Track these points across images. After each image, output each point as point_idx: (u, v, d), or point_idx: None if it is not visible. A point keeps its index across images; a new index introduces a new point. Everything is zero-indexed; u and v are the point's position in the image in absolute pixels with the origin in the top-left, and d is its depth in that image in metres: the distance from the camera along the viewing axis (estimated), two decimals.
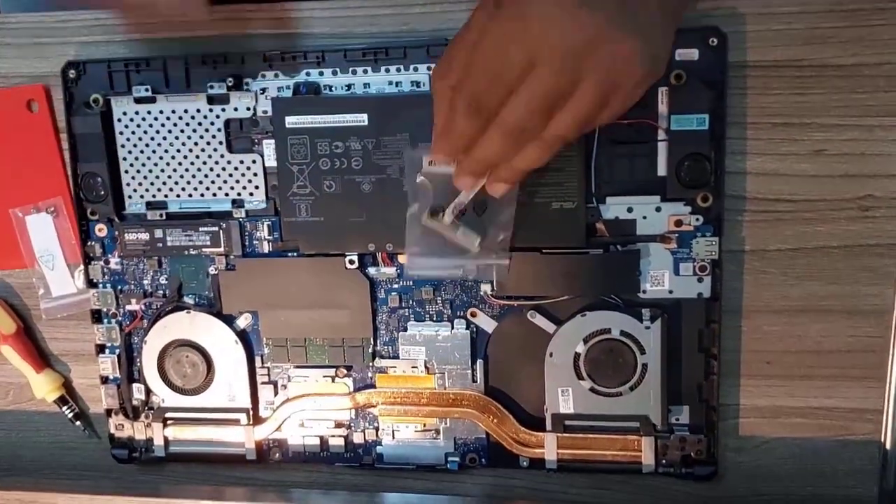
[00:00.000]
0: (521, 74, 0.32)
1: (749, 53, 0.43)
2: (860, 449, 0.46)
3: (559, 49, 0.31)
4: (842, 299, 0.45)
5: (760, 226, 0.45)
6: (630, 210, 0.44)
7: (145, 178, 0.48)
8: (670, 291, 0.45)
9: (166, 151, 0.48)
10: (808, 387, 0.46)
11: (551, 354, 0.46)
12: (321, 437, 0.50)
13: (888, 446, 0.46)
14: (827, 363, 0.46)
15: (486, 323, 0.47)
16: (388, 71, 0.45)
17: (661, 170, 0.44)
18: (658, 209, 0.44)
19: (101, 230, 0.50)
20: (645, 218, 0.44)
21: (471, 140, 0.35)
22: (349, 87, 0.46)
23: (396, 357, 0.48)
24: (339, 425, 0.50)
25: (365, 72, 0.45)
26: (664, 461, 0.47)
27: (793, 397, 0.46)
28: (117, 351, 0.51)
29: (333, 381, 0.49)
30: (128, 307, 0.50)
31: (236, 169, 0.47)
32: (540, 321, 0.46)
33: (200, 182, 0.48)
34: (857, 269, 0.45)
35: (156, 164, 0.48)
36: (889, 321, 0.45)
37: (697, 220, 0.44)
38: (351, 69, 0.45)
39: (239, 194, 0.48)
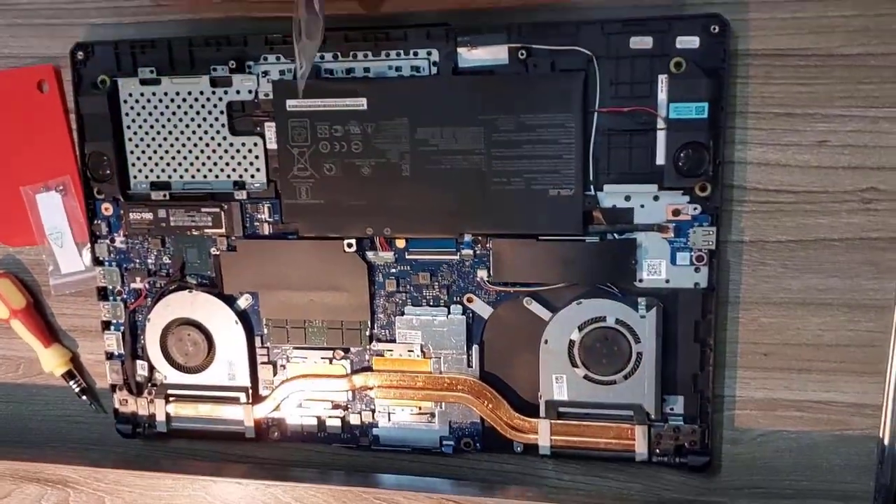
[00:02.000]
0: None
1: (752, 42, 0.42)
2: (858, 444, 0.46)
3: None
4: (842, 293, 0.44)
5: (761, 216, 0.44)
6: (627, 198, 0.44)
7: (150, 158, 0.49)
8: (667, 281, 0.45)
9: (170, 133, 0.48)
10: (806, 380, 0.46)
11: (546, 341, 0.47)
12: (319, 418, 0.51)
13: (886, 441, 0.45)
14: (826, 357, 0.45)
15: (483, 309, 0.47)
16: (388, 55, 0.45)
17: (660, 158, 0.43)
18: (656, 198, 0.44)
19: (107, 209, 0.51)
20: (642, 206, 0.44)
21: None
22: (349, 71, 0.46)
23: (393, 341, 0.49)
24: (336, 406, 0.51)
25: (365, 56, 0.45)
26: (658, 450, 0.47)
27: (790, 390, 0.46)
28: (122, 328, 0.52)
29: (331, 362, 0.50)
30: (132, 285, 0.51)
31: (238, 151, 0.48)
32: (535, 308, 0.47)
33: (203, 163, 0.48)
34: (859, 262, 0.44)
35: (160, 145, 0.49)
36: (889, 316, 0.44)
37: (695, 209, 0.44)
38: (351, 53, 0.46)
39: (241, 176, 0.48)
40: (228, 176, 0.48)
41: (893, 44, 0.41)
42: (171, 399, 0.52)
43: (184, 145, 0.48)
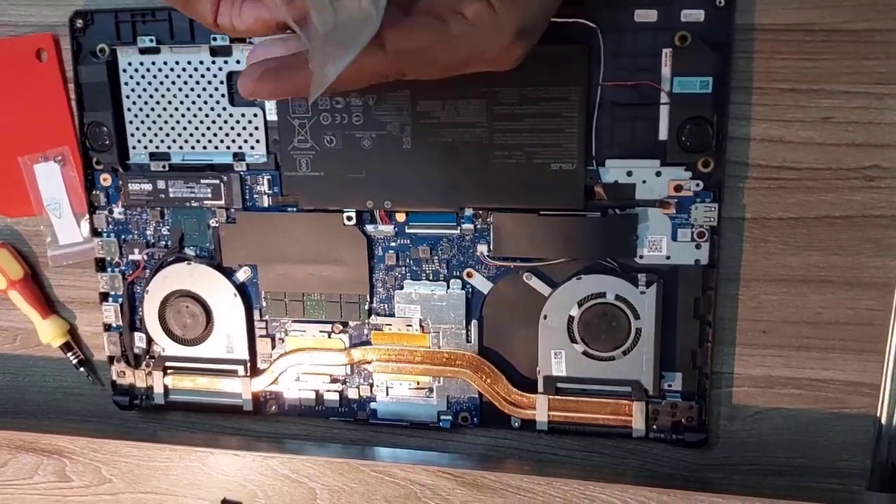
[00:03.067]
0: None
1: (757, 16, 0.42)
2: (855, 422, 0.46)
3: None
4: (843, 270, 0.44)
5: (762, 193, 0.44)
6: (629, 174, 0.44)
7: (149, 129, 0.49)
8: (667, 257, 0.45)
9: (170, 103, 0.48)
10: (805, 358, 0.46)
11: (545, 317, 0.46)
12: (317, 392, 0.51)
13: (884, 420, 0.45)
14: (825, 335, 0.45)
15: (482, 283, 0.47)
16: None
17: (663, 133, 0.43)
18: (658, 173, 0.44)
19: (105, 180, 0.50)
20: (644, 182, 0.44)
21: None
22: None
23: (392, 315, 0.49)
24: (334, 380, 0.51)
25: None
26: (655, 427, 0.47)
27: (789, 367, 0.46)
28: (120, 299, 0.52)
29: (330, 336, 0.50)
30: (131, 257, 0.51)
31: (238, 122, 0.48)
32: (535, 283, 0.46)
33: (203, 134, 0.48)
34: (860, 240, 0.44)
35: (159, 116, 0.48)
36: (890, 295, 0.44)
37: (698, 185, 0.43)
38: None
39: (240, 147, 0.48)
40: (228, 147, 0.48)
41: None
42: (168, 371, 0.52)
43: (183, 115, 0.48)
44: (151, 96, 0.48)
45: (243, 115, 0.47)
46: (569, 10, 0.42)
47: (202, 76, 0.47)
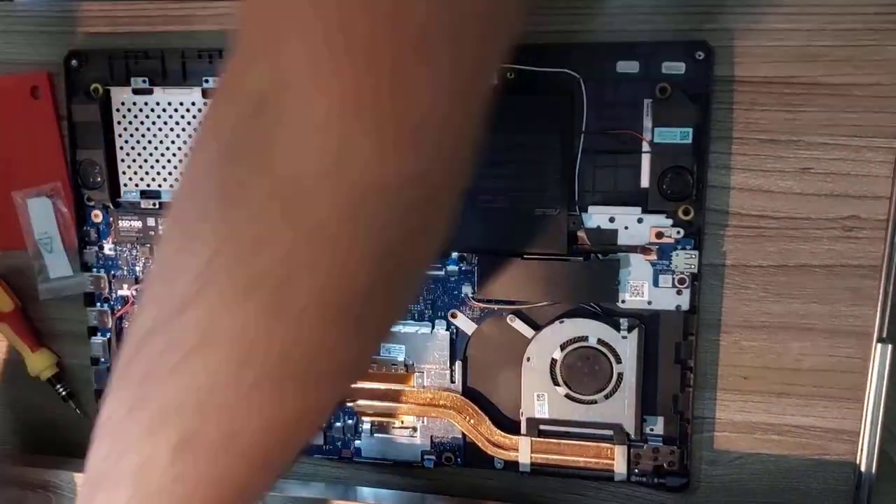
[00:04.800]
0: None
1: (737, 69, 0.43)
2: (835, 469, 0.46)
3: None
4: (822, 318, 0.45)
5: (743, 241, 0.45)
6: (612, 220, 0.45)
7: (140, 167, 0.49)
8: (649, 302, 0.45)
9: (161, 142, 0.49)
10: (785, 404, 0.46)
11: (529, 359, 0.47)
12: None
13: (863, 468, 0.46)
14: (805, 381, 0.46)
15: (466, 325, 0.48)
16: None
17: (644, 182, 0.44)
18: (640, 220, 0.44)
19: (96, 216, 0.51)
20: (626, 228, 0.45)
21: None
22: None
23: (377, 354, 0.49)
24: None
25: None
26: (637, 470, 0.47)
27: (769, 414, 0.46)
28: (108, 334, 0.52)
29: None
30: (120, 292, 0.52)
31: None
32: (519, 325, 0.47)
33: None
34: (839, 289, 0.44)
35: (151, 154, 0.49)
36: (868, 343, 0.44)
37: (678, 232, 0.44)
38: None
39: None
40: None
41: (877, 74, 0.42)
42: None
43: (174, 154, 0.49)
44: (143, 135, 0.49)
45: None
46: (554, 60, 0.43)
47: (194, 117, 0.48)
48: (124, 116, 0.49)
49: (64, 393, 0.55)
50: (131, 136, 0.49)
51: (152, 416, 0.25)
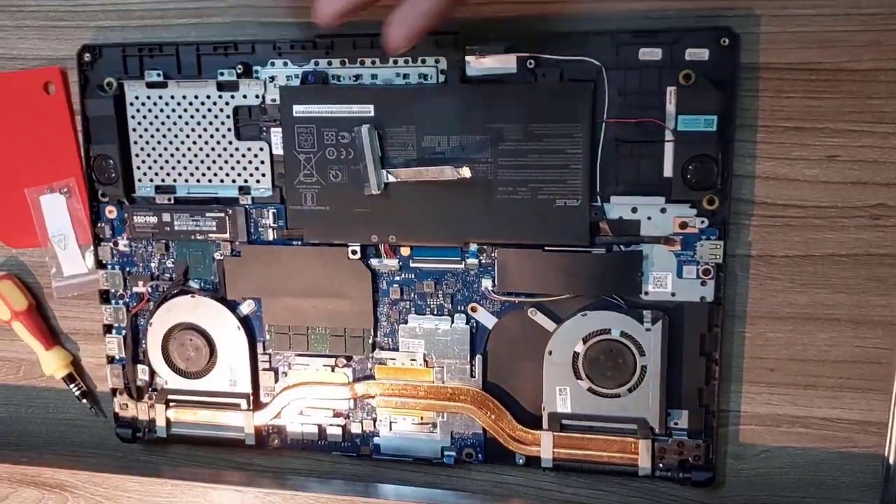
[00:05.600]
0: None
1: (762, 55, 0.42)
2: (863, 461, 0.45)
3: None
4: (849, 309, 0.44)
5: (768, 231, 0.44)
6: (634, 210, 0.44)
7: (155, 161, 0.49)
8: (673, 294, 0.44)
9: (176, 136, 0.48)
10: (812, 396, 0.45)
11: (550, 353, 0.46)
12: (319, 426, 0.50)
13: (892, 460, 0.45)
14: (832, 373, 0.45)
15: (487, 318, 0.47)
16: (395, 62, 0.45)
17: (667, 171, 0.43)
18: (663, 210, 0.44)
19: (111, 212, 0.50)
20: (649, 219, 0.44)
21: None
22: (357, 77, 0.46)
23: (396, 349, 0.49)
24: (337, 415, 0.50)
25: (373, 62, 0.45)
26: (661, 465, 0.46)
27: (796, 406, 0.46)
28: (123, 332, 0.52)
29: (333, 370, 0.50)
30: (135, 289, 0.51)
31: (244, 156, 0.48)
32: (540, 319, 0.46)
33: (209, 168, 0.48)
34: (866, 278, 0.44)
35: (165, 149, 0.49)
36: None
37: (703, 222, 0.43)
38: (359, 60, 0.45)
39: (246, 181, 0.48)
40: (233, 181, 0.48)
41: None
42: (171, 404, 0.52)
43: (189, 149, 0.48)
44: (158, 130, 0.48)
45: (249, 149, 0.48)
46: (575, 48, 0.43)
47: (209, 110, 0.47)
48: (138, 111, 0.48)
49: (78, 392, 0.55)
50: (146, 130, 0.49)
51: None
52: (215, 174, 0.48)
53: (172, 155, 0.49)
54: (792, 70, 0.42)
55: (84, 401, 0.55)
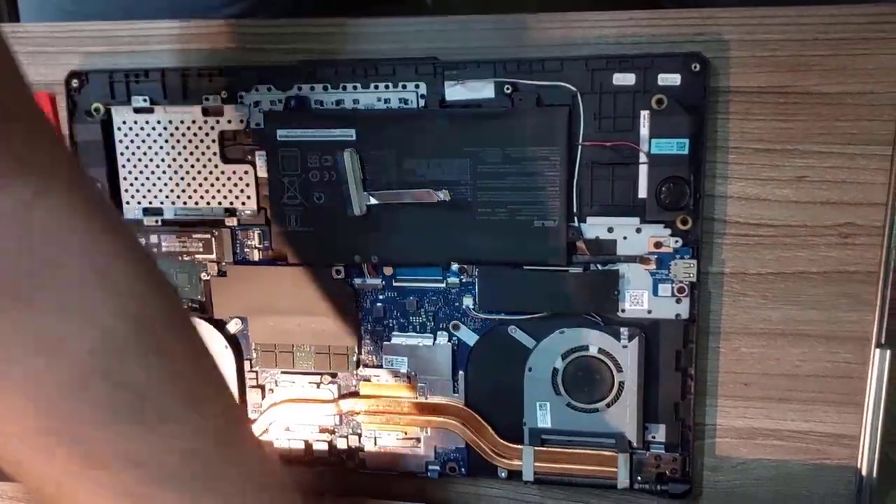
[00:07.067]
0: None
1: (732, 79, 0.43)
2: (836, 473, 0.47)
3: None
4: (821, 324, 0.45)
5: (741, 249, 0.45)
6: (610, 230, 0.45)
7: (142, 185, 0.50)
8: (649, 311, 0.46)
9: (163, 160, 0.49)
10: (786, 410, 0.47)
11: (530, 369, 0.47)
12: (306, 441, 0.51)
13: (864, 472, 0.46)
14: (805, 387, 0.46)
15: (468, 336, 0.48)
16: (376, 88, 0.46)
17: (642, 192, 0.44)
18: (638, 230, 0.45)
19: None
20: (625, 238, 0.45)
21: None
22: (339, 102, 0.47)
23: (380, 366, 0.50)
24: (323, 430, 0.51)
25: (355, 88, 0.46)
26: (639, 478, 0.47)
27: (770, 419, 0.47)
28: None
29: (319, 387, 0.51)
30: None
31: (229, 179, 0.49)
32: (520, 336, 0.47)
33: (195, 190, 0.49)
34: (837, 295, 0.45)
35: (153, 172, 0.49)
36: (867, 348, 0.45)
37: (676, 242, 0.44)
38: (341, 85, 0.46)
39: (231, 203, 0.49)
40: (220, 203, 0.49)
41: (870, 83, 0.42)
42: None
43: (175, 172, 0.49)
44: (145, 153, 0.49)
45: (234, 172, 0.49)
46: (551, 74, 0.44)
47: (194, 134, 0.48)
48: (125, 135, 0.49)
49: None
50: (133, 154, 0.50)
51: None
52: (202, 196, 0.49)
53: (159, 178, 0.49)
54: (761, 94, 0.43)
55: None
